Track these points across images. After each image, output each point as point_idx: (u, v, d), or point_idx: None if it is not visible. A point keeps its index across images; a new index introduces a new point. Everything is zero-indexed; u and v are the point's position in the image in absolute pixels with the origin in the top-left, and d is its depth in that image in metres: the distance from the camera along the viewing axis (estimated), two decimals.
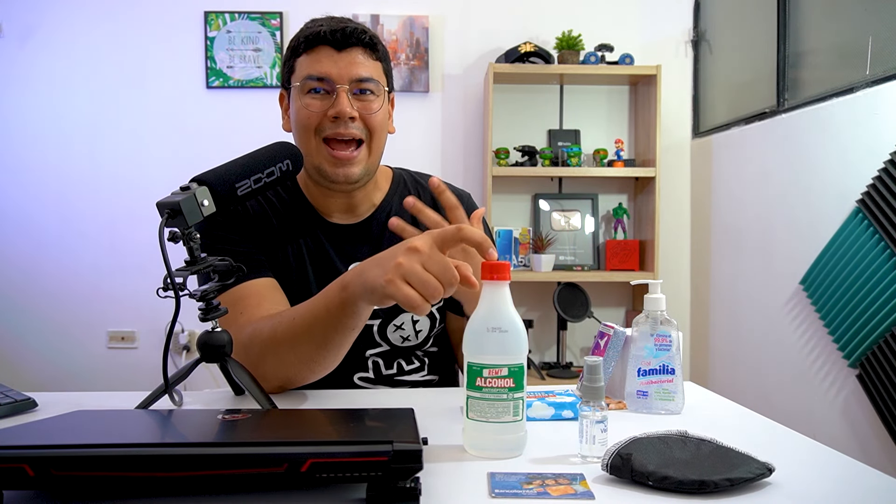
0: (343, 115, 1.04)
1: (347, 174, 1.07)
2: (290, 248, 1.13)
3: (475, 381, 0.69)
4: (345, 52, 1.05)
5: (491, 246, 0.74)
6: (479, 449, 0.71)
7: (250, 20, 2.91)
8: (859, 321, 1.83)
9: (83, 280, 2.92)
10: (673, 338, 0.89)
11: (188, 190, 0.82)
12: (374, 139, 1.09)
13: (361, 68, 1.06)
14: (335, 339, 0.88)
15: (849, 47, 2.04)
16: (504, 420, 0.69)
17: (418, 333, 1.15)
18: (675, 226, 3.00)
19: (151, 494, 0.58)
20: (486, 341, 0.69)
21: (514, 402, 0.69)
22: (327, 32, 1.05)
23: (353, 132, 1.06)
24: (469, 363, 0.70)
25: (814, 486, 0.63)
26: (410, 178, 1.24)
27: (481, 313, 0.70)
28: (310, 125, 1.06)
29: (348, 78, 1.05)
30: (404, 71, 2.93)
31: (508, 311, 0.70)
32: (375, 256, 0.80)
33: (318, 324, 0.87)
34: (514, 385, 0.69)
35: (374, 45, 1.09)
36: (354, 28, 1.06)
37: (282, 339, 0.91)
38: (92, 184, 2.92)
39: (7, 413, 0.86)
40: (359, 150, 1.07)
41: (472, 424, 0.70)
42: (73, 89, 2.91)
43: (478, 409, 0.69)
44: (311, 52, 1.06)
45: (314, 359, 0.91)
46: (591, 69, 2.76)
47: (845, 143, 1.95)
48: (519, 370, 0.69)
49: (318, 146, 1.07)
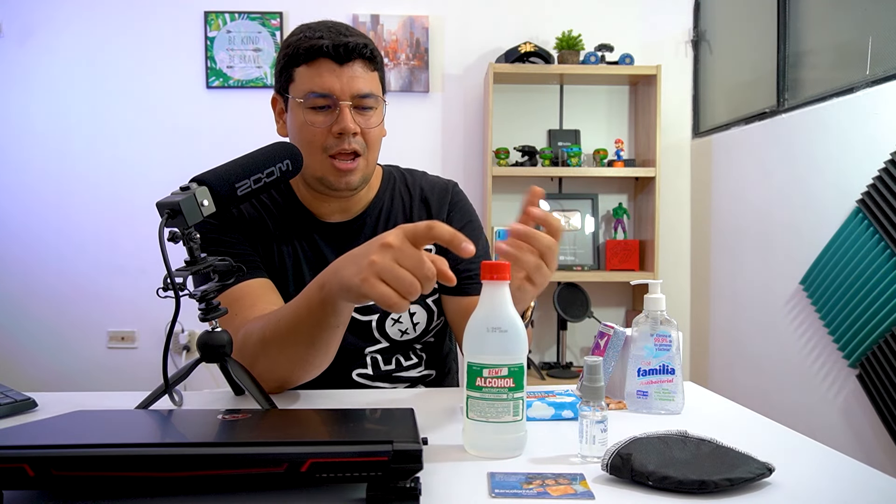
0: (347, 132, 1.06)
1: (349, 182, 1.10)
2: (286, 249, 1.14)
3: (475, 381, 0.69)
4: (346, 67, 1.06)
5: (464, 240, 0.72)
6: (479, 449, 0.71)
7: (250, 20, 2.91)
8: (859, 321, 1.83)
9: (83, 280, 2.92)
10: (673, 338, 0.89)
11: (188, 190, 0.82)
12: (370, 150, 1.11)
13: (362, 83, 1.07)
14: (321, 337, 0.88)
15: (849, 47, 2.04)
16: (504, 420, 0.69)
17: (416, 326, 1.17)
18: (675, 226, 3.00)
19: (151, 494, 0.58)
20: (485, 341, 0.69)
21: (514, 402, 0.69)
22: (330, 48, 1.05)
23: (354, 147, 1.07)
24: (469, 363, 0.70)
25: (814, 486, 0.63)
26: (400, 175, 1.25)
27: (481, 313, 0.70)
28: (315, 141, 1.07)
29: (350, 94, 1.06)
30: (404, 71, 2.93)
31: (508, 311, 0.70)
32: (350, 253, 0.79)
33: (303, 324, 0.87)
34: (514, 385, 0.69)
35: (374, 57, 1.10)
36: (356, 43, 1.06)
37: (270, 340, 0.91)
38: (92, 184, 2.92)
39: (7, 413, 0.86)
40: (357, 161, 1.09)
41: (472, 424, 0.70)
42: (73, 89, 2.91)
43: (478, 409, 0.69)
44: (312, 65, 1.06)
45: (305, 358, 0.91)
46: (591, 69, 2.76)
47: (845, 143, 1.95)
48: (519, 370, 0.69)
49: (323, 161, 1.08)
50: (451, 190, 1.23)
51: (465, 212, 1.23)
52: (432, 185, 1.23)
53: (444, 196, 1.22)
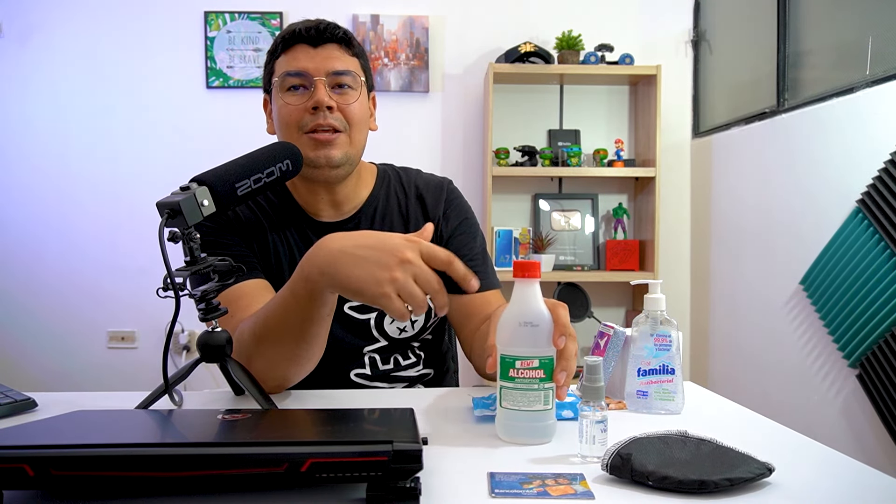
0: (321, 104, 1.06)
1: (329, 156, 1.08)
2: (281, 249, 1.15)
3: (508, 371, 0.73)
4: (321, 48, 1.08)
5: (473, 278, 0.78)
6: (512, 436, 0.75)
7: (250, 20, 2.91)
8: (859, 321, 1.83)
9: (83, 280, 2.92)
10: (673, 338, 0.89)
11: (188, 190, 0.82)
12: (353, 129, 1.10)
13: (337, 62, 1.09)
14: (311, 329, 0.88)
15: (849, 47, 2.04)
16: (536, 409, 0.73)
17: (414, 324, 1.17)
18: (675, 226, 3.00)
19: (151, 494, 0.58)
20: (518, 335, 0.74)
21: (545, 392, 0.73)
22: (302, 30, 1.08)
23: (332, 123, 1.07)
24: (502, 355, 0.74)
25: (814, 486, 0.63)
26: (395, 173, 1.25)
27: (514, 309, 0.75)
28: (291, 121, 1.08)
29: (325, 71, 1.07)
30: (404, 71, 2.93)
31: (539, 307, 0.75)
32: (347, 250, 0.79)
33: (292, 319, 0.87)
34: (545, 376, 0.73)
35: (350, 40, 1.11)
36: (328, 24, 1.09)
37: (262, 339, 0.91)
38: (92, 183, 2.92)
39: (7, 413, 0.86)
40: (338, 135, 1.09)
41: (506, 413, 0.74)
42: (73, 89, 2.91)
43: (511, 398, 0.74)
44: (289, 52, 1.09)
45: (297, 353, 0.91)
46: (591, 69, 2.76)
47: (845, 143, 1.95)
48: (549, 362, 0.74)
49: (300, 139, 1.08)
50: (445, 187, 1.23)
51: (460, 209, 1.23)
52: (427, 182, 1.23)
53: (439, 194, 1.22)
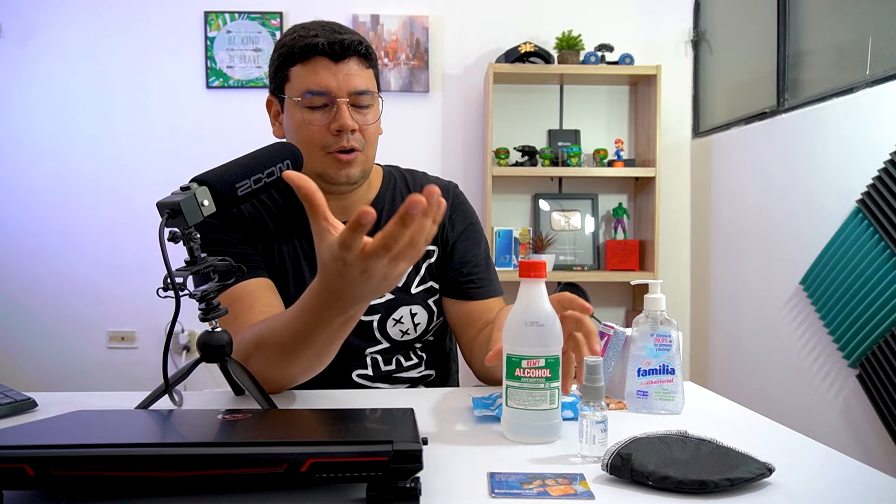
0: (346, 129, 1.06)
1: (349, 174, 1.10)
2: (286, 249, 1.14)
3: (514, 371, 0.74)
4: (342, 64, 1.06)
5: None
6: (518, 435, 0.75)
7: (250, 20, 2.91)
8: (859, 321, 1.83)
9: (83, 280, 2.92)
10: (673, 338, 0.89)
11: (188, 190, 0.82)
12: (369, 147, 1.12)
13: (358, 80, 1.07)
14: (332, 346, 0.88)
15: (849, 47, 2.04)
16: (541, 408, 0.74)
17: (417, 326, 1.17)
18: (675, 226, 3.00)
19: (151, 494, 0.58)
20: (524, 334, 0.74)
21: (551, 391, 0.74)
22: (325, 45, 1.04)
23: (353, 144, 1.08)
24: (508, 355, 0.75)
25: (814, 486, 0.63)
26: (401, 175, 1.25)
27: (520, 309, 0.75)
28: (314, 140, 1.07)
29: (346, 91, 1.06)
30: (404, 71, 2.93)
31: (545, 307, 0.75)
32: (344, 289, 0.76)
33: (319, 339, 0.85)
34: (551, 375, 0.74)
35: (368, 54, 1.10)
36: (351, 40, 1.07)
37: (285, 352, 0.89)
38: (92, 183, 2.92)
39: (7, 413, 0.86)
40: (356, 154, 1.10)
41: (512, 412, 0.75)
42: (73, 89, 2.91)
43: (517, 397, 0.74)
44: (307, 64, 1.06)
45: (313, 364, 0.91)
46: (591, 69, 2.76)
47: (845, 143, 1.95)
48: (555, 361, 0.74)
49: (323, 158, 1.08)
50: (451, 191, 1.23)
51: (466, 213, 1.23)
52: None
53: (445, 197, 1.21)
